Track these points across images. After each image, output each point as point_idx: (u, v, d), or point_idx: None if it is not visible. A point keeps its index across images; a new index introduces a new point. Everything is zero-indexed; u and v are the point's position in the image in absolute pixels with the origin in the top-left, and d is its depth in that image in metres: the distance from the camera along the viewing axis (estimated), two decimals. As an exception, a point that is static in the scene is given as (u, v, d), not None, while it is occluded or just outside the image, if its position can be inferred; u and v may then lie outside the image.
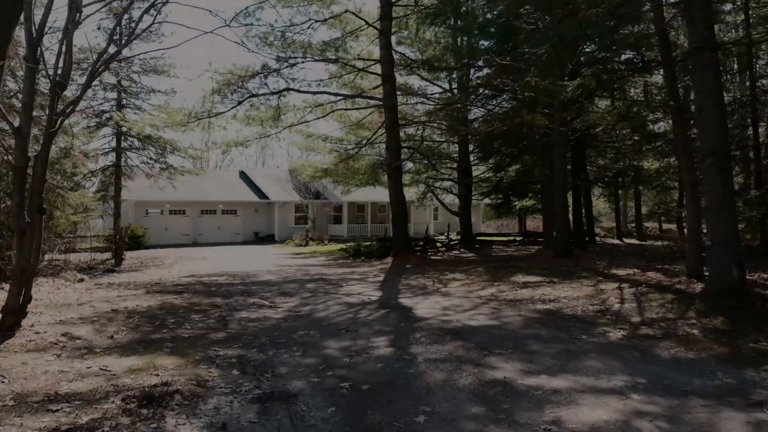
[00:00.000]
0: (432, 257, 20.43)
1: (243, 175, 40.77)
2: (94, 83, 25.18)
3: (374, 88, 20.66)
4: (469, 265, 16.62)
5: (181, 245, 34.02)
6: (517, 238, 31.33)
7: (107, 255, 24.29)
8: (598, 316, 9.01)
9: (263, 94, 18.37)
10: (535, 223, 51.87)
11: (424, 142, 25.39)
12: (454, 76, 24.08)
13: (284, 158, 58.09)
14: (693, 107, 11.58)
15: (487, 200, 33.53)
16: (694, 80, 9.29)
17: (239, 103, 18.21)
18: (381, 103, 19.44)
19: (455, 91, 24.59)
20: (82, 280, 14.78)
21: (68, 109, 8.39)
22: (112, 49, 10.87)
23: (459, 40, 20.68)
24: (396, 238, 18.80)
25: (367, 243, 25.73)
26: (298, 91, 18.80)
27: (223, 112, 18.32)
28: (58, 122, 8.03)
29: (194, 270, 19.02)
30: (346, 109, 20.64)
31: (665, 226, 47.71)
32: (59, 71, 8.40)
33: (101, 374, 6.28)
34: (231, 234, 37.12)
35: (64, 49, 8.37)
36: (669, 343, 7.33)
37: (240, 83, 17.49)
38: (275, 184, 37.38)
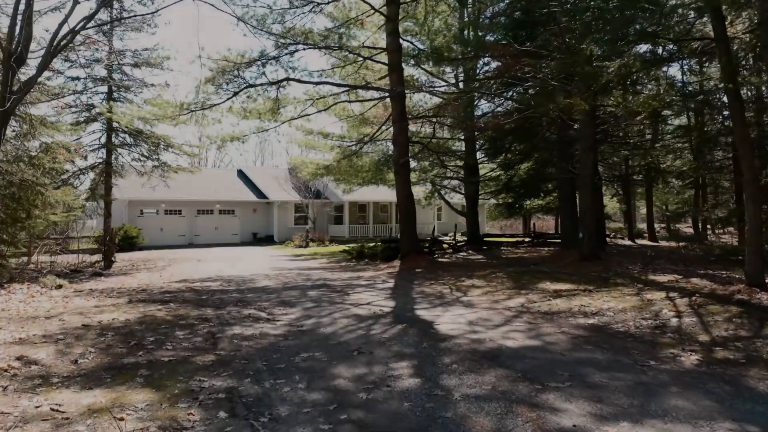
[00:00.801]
0: (441, 260, 18.99)
1: (241, 174, 39.30)
2: (82, 75, 23.79)
3: (380, 79, 19.22)
4: (484, 269, 15.17)
5: (177, 246, 32.57)
6: (525, 239, 29.90)
7: (97, 257, 22.88)
8: (656, 333, 7.56)
9: (261, 85, 16.90)
10: (540, 224, 50.53)
11: (432, 139, 23.97)
12: (461, 70, 22.69)
13: (283, 157, 56.69)
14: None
15: (493, 200, 31.89)
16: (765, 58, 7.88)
17: (235, 94, 16.73)
18: (387, 94, 18.00)
19: (462, 85, 23.20)
20: (60, 286, 13.31)
21: (26, 87, 6.90)
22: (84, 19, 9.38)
23: (468, 30, 19.28)
24: (404, 239, 17.36)
25: (371, 244, 24.29)
26: (299, 81, 17.32)
27: (218, 104, 16.84)
28: (11, 101, 6.54)
29: (187, 274, 17.57)
30: (349, 101, 19.14)
31: (673, 226, 46.36)
32: (15, 43, 6.92)
33: (50, 418, 4.83)
34: (228, 235, 35.65)
35: (19, 16, 6.89)
36: (759, 371, 5.90)
37: (236, 71, 16.02)
38: (274, 184, 35.93)
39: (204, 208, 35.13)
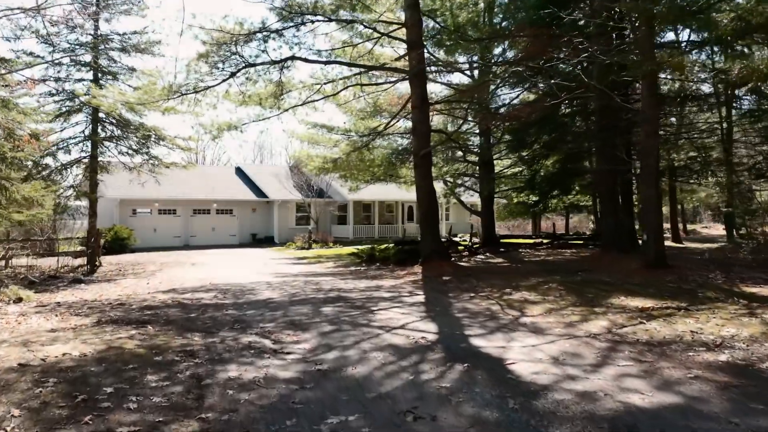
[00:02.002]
0: (465, 264, 16.61)
1: (239, 172, 36.85)
2: (65, 61, 21.30)
3: (396, 59, 16.82)
4: (526, 277, 12.76)
5: (172, 248, 30.11)
6: (543, 241, 27.55)
7: (81, 261, 20.43)
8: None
9: (262, 64, 14.46)
10: (547, 224, 48.10)
11: (444, 132, 21.58)
12: (478, 56, 20.31)
13: (283, 157, 54.34)
14: None
15: (504, 199, 29.26)
16: None
17: (232, 75, 14.31)
18: (405, 76, 15.61)
19: (477, 74, 20.85)
20: (20, 299, 10.85)
21: None
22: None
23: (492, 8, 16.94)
24: (425, 241, 14.94)
25: (382, 246, 21.90)
26: (306, 60, 14.88)
27: (213, 86, 14.39)
28: None
29: (178, 281, 15.16)
30: (361, 85, 16.65)
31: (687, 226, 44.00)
32: None
33: None
34: (226, 236, 33.20)
35: None
36: None
37: (233, 45, 13.57)
38: (274, 182, 33.49)
39: (200, 208, 32.67)
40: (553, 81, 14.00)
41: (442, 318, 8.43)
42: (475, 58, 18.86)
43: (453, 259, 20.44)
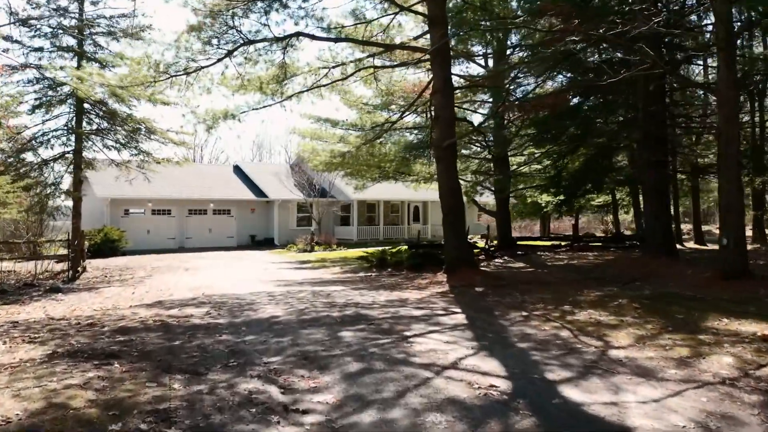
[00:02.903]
0: (487, 270, 14.56)
1: (238, 170, 34.74)
2: (46, 46, 19.17)
3: (414, 39, 14.76)
4: (577, 289, 10.69)
5: (166, 251, 27.98)
6: (561, 243, 25.53)
7: (64, 266, 18.31)
8: None
9: (263, 41, 12.36)
10: (554, 225, 46.03)
11: (469, 122, 19.52)
12: (498, 42, 18.26)
13: (283, 156, 52.03)
14: None
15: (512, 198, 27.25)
16: None
17: (229, 53, 12.23)
18: (425, 56, 13.54)
19: (500, 58, 18.80)
20: (-34, 319, 8.75)
21: None
22: None
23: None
24: (450, 245, 12.84)
25: (392, 249, 19.85)
26: (313, 37, 12.75)
27: (206, 67, 12.31)
28: None
29: (166, 291, 13.09)
30: (375, 68, 14.50)
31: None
32: None
33: None
34: (223, 237, 31.07)
35: None
36: None
37: (229, 16, 11.48)
38: (274, 181, 31.39)
39: (196, 208, 30.55)
40: (595, 60, 11.96)
41: (501, 350, 6.35)
42: (498, 42, 16.79)
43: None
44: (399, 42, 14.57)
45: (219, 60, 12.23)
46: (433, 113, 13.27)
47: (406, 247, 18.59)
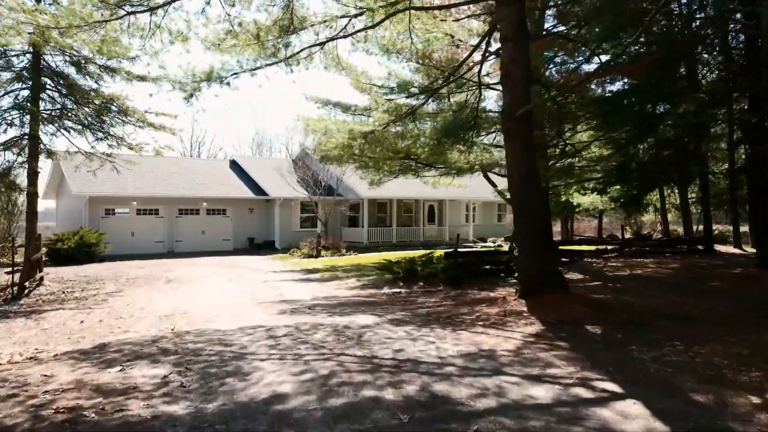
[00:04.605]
0: (576, 291, 10.52)
1: (235, 166, 30.65)
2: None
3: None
4: (747, 328, 6.73)
5: (152, 255, 23.89)
6: (606, 247, 21.56)
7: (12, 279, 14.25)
8: None
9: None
10: (578, 226, 41.73)
11: (547, 84, 15.49)
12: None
13: (284, 154, 47.70)
14: None
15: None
16: None
17: (211, -18, 8.32)
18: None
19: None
20: None
21: None
22: None
23: None
24: (526, 257, 8.69)
25: (421, 255, 15.83)
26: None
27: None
28: None
29: (127, 321, 9.12)
30: (414, 8, 10.22)
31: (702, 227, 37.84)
32: None
33: None
34: (218, 240, 26.99)
35: None
36: None
37: None
38: (275, 177, 27.32)
39: (187, 207, 26.46)
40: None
41: None
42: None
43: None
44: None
45: (197, -9, 8.27)
46: (478, 81, 9.18)
47: (441, 253, 14.57)
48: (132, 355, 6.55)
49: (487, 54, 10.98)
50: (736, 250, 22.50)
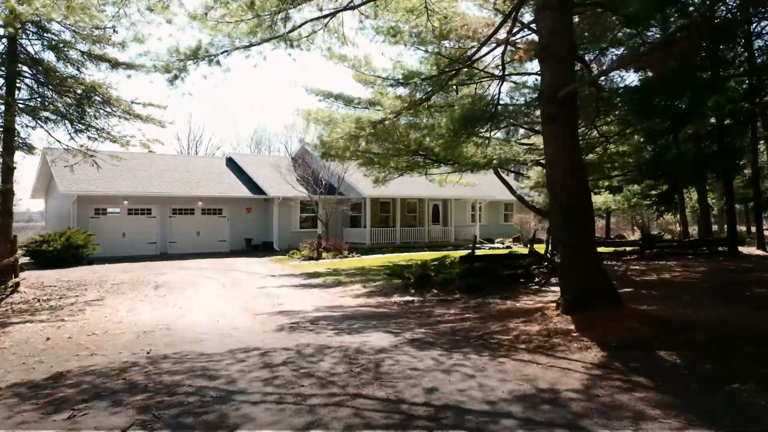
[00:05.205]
0: (631, 305, 9.09)
1: (231, 163, 29.16)
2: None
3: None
4: None
5: (144, 257, 22.42)
6: (626, 249, 20.21)
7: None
8: None
9: None
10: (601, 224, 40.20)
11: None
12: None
13: (282, 152, 46.13)
14: None
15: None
16: None
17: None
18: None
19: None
20: None
21: None
22: None
23: None
24: (573, 265, 7.11)
25: (433, 259, 14.38)
26: None
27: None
28: None
29: (99, 338, 7.71)
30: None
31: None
32: None
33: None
34: (214, 241, 25.51)
35: None
36: None
37: None
38: (274, 175, 25.84)
39: (182, 207, 24.98)
40: None
41: None
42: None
43: (537, 282, 13.03)
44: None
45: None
46: (502, 63, 7.68)
47: (455, 256, 13.13)
48: (90, 392, 5.10)
49: (514, 31, 9.53)
50: (760, 252, 21.18)
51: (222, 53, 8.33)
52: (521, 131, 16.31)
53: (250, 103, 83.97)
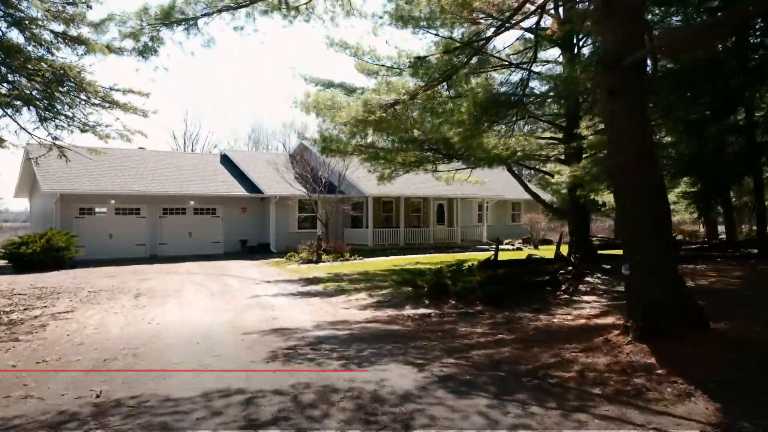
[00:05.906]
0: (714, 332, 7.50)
1: (226, 160, 27.48)
2: None
3: None
4: None
5: (132, 260, 20.76)
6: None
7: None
8: None
9: None
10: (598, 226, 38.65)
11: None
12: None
13: (280, 150, 44.14)
14: None
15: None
16: None
17: None
18: None
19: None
20: None
21: None
22: None
23: None
24: (646, 277, 5.54)
25: (449, 264, 12.76)
26: None
27: None
28: None
29: (57, 363, 6.12)
30: None
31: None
32: None
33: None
34: (207, 243, 23.84)
35: None
36: None
37: None
38: (271, 173, 24.18)
39: (173, 206, 23.32)
40: None
41: None
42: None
43: (564, 290, 11.45)
44: None
45: None
46: (535, 34, 6.06)
47: (472, 260, 11.49)
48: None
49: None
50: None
51: (202, 15, 6.69)
52: (542, 125, 14.65)
53: (247, 99, 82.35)
